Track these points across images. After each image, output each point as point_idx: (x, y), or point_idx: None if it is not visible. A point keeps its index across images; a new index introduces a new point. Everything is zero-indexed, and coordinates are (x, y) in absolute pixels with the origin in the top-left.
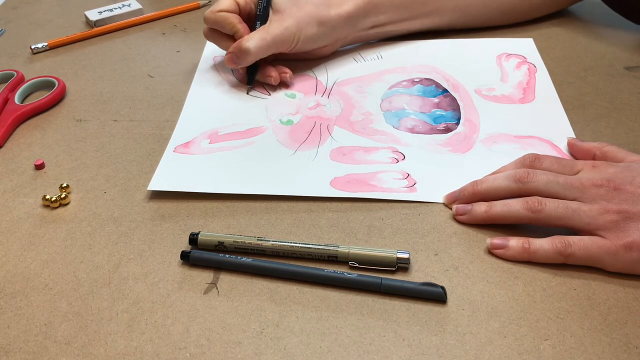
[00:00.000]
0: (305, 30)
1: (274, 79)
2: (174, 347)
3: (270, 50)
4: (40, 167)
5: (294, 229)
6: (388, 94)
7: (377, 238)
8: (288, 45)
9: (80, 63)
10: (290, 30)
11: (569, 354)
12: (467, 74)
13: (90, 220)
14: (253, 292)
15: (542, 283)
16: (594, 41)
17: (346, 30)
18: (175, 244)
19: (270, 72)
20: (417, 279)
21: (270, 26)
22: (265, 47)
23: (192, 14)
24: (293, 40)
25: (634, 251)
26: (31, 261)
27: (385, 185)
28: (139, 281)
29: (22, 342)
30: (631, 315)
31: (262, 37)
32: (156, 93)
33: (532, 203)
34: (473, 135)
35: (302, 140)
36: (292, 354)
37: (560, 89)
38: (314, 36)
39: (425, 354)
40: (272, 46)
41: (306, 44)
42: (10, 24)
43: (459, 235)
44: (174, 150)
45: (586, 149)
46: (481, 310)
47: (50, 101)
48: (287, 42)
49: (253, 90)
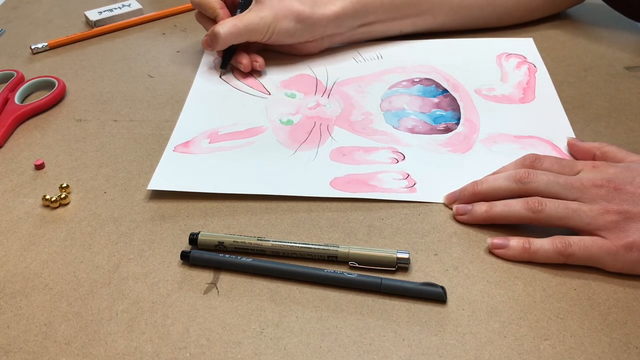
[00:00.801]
0: (281, 23)
1: (244, 66)
2: (174, 347)
3: (243, 37)
4: (40, 167)
5: (294, 229)
6: (388, 94)
7: (377, 238)
8: (261, 35)
9: (80, 63)
10: (265, 21)
11: (569, 354)
12: (467, 74)
13: (90, 220)
14: (253, 292)
15: (542, 283)
16: (594, 41)
17: (331, 30)
18: (175, 244)
19: (242, 59)
20: (417, 279)
21: (246, 14)
22: (236, 34)
23: (192, 14)
24: (267, 31)
25: (634, 251)
26: (31, 261)
27: (385, 186)
28: (139, 281)
29: (22, 342)
30: (631, 315)
31: (234, 23)
32: (156, 93)
33: (533, 203)
34: (473, 135)
35: (302, 140)
36: (292, 354)
37: (560, 89)
38: (290, 30)
39: (425, 354)
40: (244, 34)
41: (281, 36)
42: (10, 24)
43: (459, 235)
44: (173, 150)
45: (586, 149)
46: (481, 310)
47: (50, 101)
48: (260, 32)
49: (226, 75)
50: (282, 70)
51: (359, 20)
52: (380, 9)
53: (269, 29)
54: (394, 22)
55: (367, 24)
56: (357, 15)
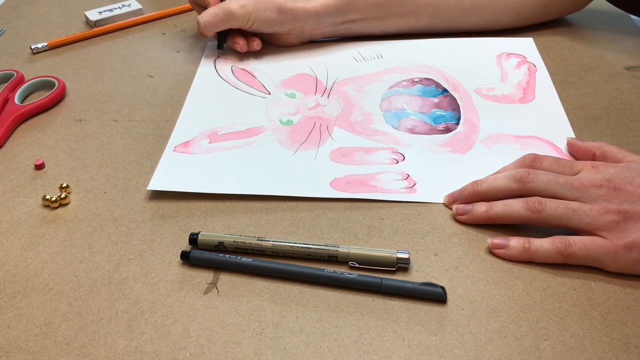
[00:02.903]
0: (262, 13)
1: (240, 46)
2: (174, 347)
3: (224, 24)
4: (40, 167)
5: (294, 229)
6: (388, 93)
7: (377, 238)
8: (242, 22)
9: (80, 63)
10: (245, 9)
11: (569, 354)
12: (467, 74)
13: (90, 220)
14: (253, 292)
15: (542, 283)
16: (594, 41)
17: (312, 24)
18: (175, 244)
19: (238, 40)
20: (417, 279)
21: (228, 2)
22: (217, 22)
23: (192, 14)
24: (248, 19)
25: (634, 251)
26: (31, 261)
27: (385, 186)
28: (139, 281)
29: (22, 342)
30: (631, 315)
31: (214, 12)
32: (156, 93)
33: (533, 203)
34: (473, 136)
35: (302, 140)
36: (292, 354)
37: (560, 89)
38: (271, 21)
39: (425, 354)
40: (225, 21)
41: (262, 26)
42: (10, 24)
43: (459, 235)
44: (173, 150)
45: (586, 149)
46: (481, 310)
47: (50, 101)
48: (240, 20)
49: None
50: (282, 69)
51: (341, 17)
52: (363, 8)
53: (249, 18)
54: (377, 22)
55: (350, 21)
56: (339, 12)
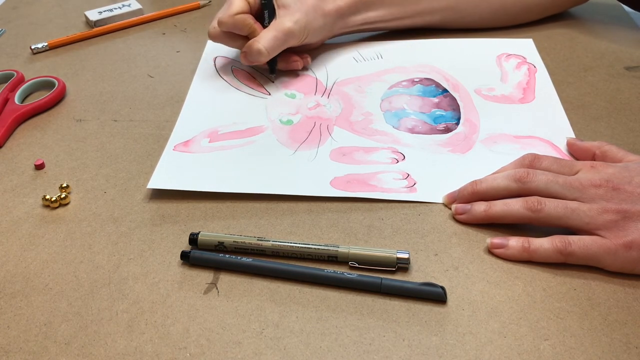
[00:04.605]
0: (313, 22)
1: (298, 63)
2: (174, 347)
3: (283, 46)
4: (40, 167)
5: (294, 229)
6: (388, 93)
7: (377, 238)
8: (299, 38)
9: (80, 63)
10: (300, 24)
11: (569, 354)
12: (467, 74)
13: (90, 220)
14: (253, 292)
15: (542, 283)
16: (594, 41)
17: (339, 25)
18: (175, 244)
19: (295, 58)
20: (417, 279)
21: (280, 22)
22: (278, 46)
23: (192, 14)
24: (303, 33)
25: (633, 250)
26: (31, 261)
27: (385, 186)
28: (139, 281)
29: (22, 342)
30: (631, 315)
31: (273, 35)
32: (156, 93)
33: (532, 203)
34: (473, 136)
35: (302, 140)
36: (292, 354)
37: (560, 89)
38: (320, 28)
39: (425, 354)
40: (285, 43)
41: (314, 36)
42: (10, 24)
43: (459, 235)
44: (173, 149)
45: (585, 149)
46: (481, 310)
47: (50, 101)
48: (298, 36)
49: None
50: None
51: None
52: (381, 7)
53: (304, 31)
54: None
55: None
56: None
